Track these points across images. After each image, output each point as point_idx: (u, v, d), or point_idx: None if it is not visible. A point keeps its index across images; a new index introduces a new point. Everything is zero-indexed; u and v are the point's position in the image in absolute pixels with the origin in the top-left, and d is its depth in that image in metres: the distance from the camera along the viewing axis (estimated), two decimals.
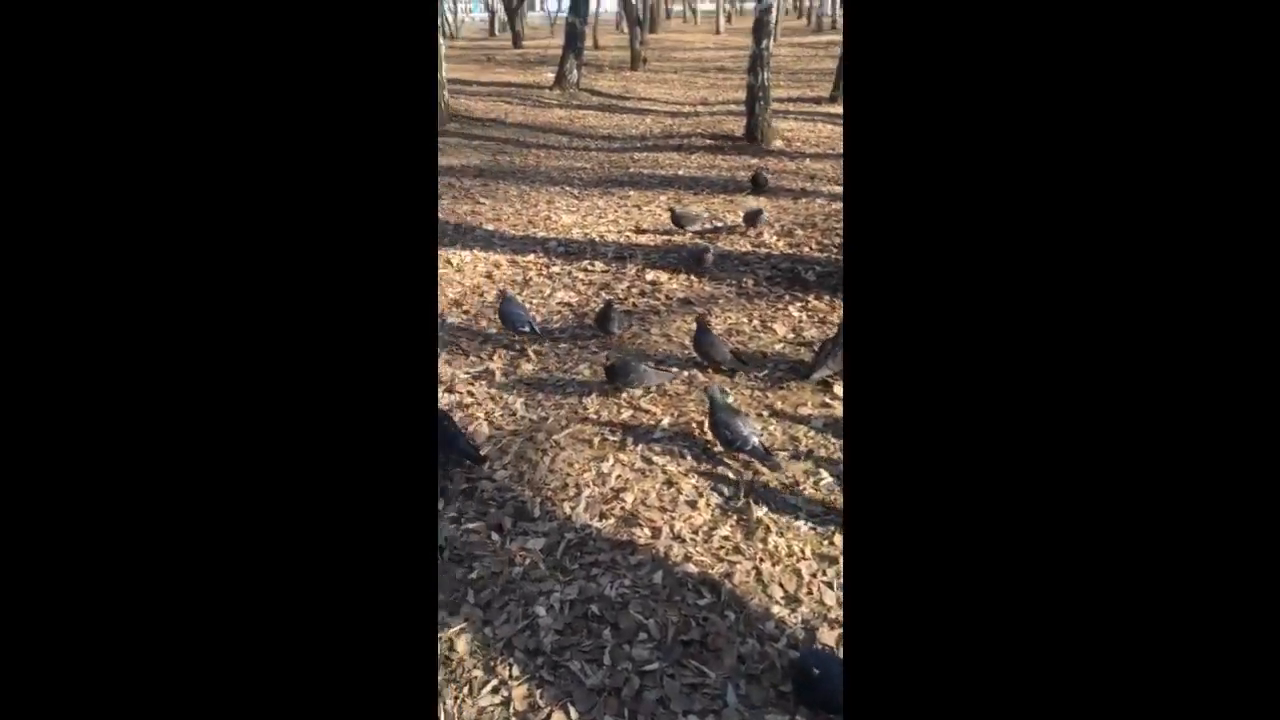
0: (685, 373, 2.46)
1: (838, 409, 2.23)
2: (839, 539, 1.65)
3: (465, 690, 1.34)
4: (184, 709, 0.47)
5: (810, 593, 1.52)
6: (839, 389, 2.30)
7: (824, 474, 1.89)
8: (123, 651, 0.46)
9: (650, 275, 3.39)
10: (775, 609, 1.48)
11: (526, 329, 2.76)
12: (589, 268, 3.50)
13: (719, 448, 2.00)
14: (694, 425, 2.15)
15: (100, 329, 0.45)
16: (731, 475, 1.92)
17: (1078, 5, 0.51)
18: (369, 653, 0.52)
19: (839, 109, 7.24)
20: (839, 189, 4.70)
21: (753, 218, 3.90)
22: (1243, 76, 0.49)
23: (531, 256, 3.69)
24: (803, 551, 1.63)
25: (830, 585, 1.54)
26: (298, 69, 0.49)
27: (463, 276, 3.44)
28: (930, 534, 0.54)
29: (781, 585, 1.54)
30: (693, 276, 3.34)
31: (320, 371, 0.51)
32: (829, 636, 1.41)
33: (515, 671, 1.36)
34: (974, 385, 0.53)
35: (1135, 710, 0.48)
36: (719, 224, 4.08)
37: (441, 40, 7.39)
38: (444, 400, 2.34)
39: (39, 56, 0.44)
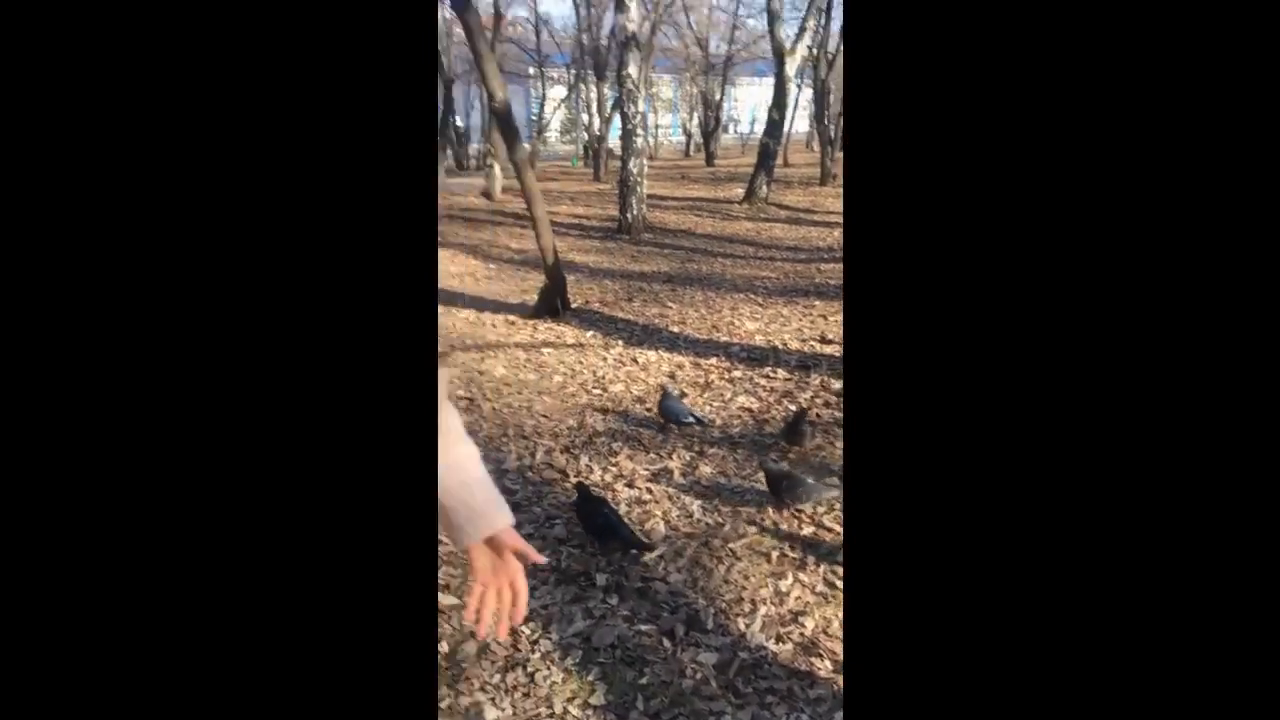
0: None
1: None
2: None
3: None
4: None
5: None
6: None
7: None
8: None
9: (836, 385, 3.29)
10: None
11: (690, 420, 2.80)
12: (771, 374, 3.48)
13: None
14: None
15: (75, 363, 0.45)
16: None
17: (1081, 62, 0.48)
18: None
19: None
20: None
21: None
22: (1246, 86, 0.46)
23: (714, 360, 3.75)
24: None
25: None
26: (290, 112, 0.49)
27: (647, 375, 3.58)
28: (933, 557, 0.50)
29: None
30: None
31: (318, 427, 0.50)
32: None
33: None
34: (974, 402, 0.50)
35: None
36: None
37: (644, 161, 8.10)
38: (623, 494, 2.39)
39: (37, 57, 0.44)
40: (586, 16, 14.68)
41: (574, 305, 4.92)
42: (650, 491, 2.41)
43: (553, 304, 4.70)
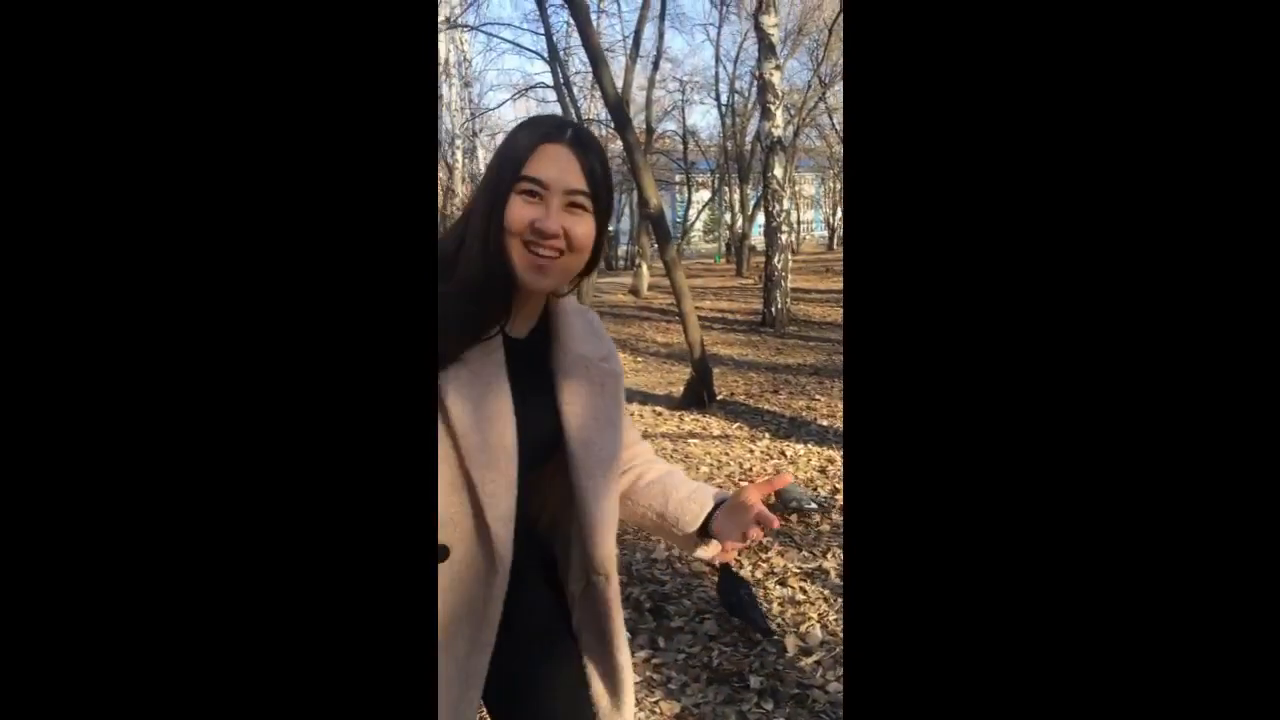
0: None
1: None
2: None
3: None
4: None
5: None
6: None
7: None
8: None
9: None
10: None
11: (814, 506, 2.71)
12: None
13: None
14: None
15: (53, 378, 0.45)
16: None
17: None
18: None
19: None
20: None
21: None
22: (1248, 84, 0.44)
23: None
24: None
25: None
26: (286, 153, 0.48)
27: (796, 468, 3.48)
28: (934, 558, 0.49)
29: None
30: None
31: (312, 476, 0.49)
32: None
33: None
34: (977, 405, 0.49)
35: None
36: None
37: (788, 256, 8.20)
38: (775, 593, 2.30)
39: (33, 56, 0.44)
40: (731, 125, 15.52)
41: (720, 397, 4.95)
42: (804, 591, 2.29)
43: (699, 396, 4.77)
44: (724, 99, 15.76)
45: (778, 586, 2.33)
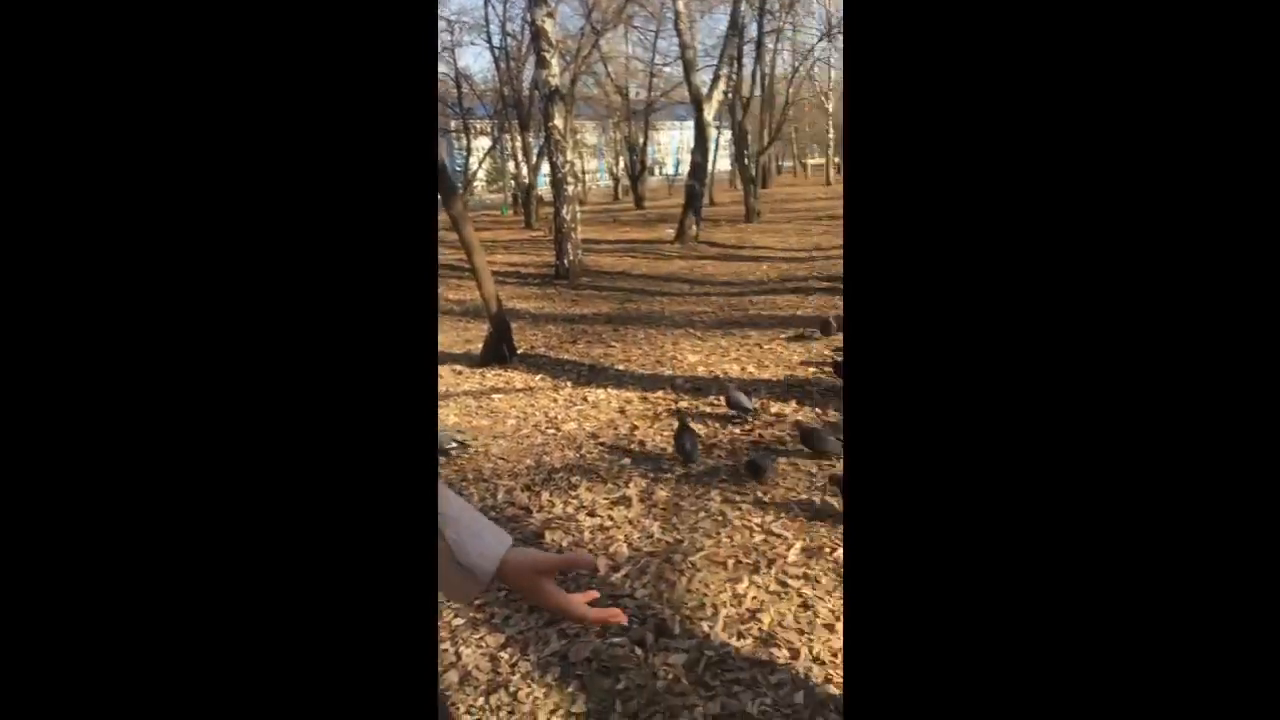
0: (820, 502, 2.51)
1: None
2: None
3: None
4: None
5: None
6: None
7: None
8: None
9: (775, 407, 3.53)
10: None
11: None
12: (715, 402, 3.70)
13: None
14: (826, 548, 2.18)
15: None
16: None
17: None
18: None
19: None
20: None
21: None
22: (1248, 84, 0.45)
23: (660, 393, 3.95)
24: None
25: None
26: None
27: (598, 412, 3.74)
28: (933, 558, 0.50)
29: None
30: (812, 409, 3.44)
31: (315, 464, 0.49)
32: None
33: None
34: (976, 404, 0.50)
35: None
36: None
37: (577, 207, 8.37)
38: (586, 523, 2.53)
39: (33, 56, 0.45)
40: (506, 69, 15.06)
41: (520, 351, 5.05)
42: (612, 518, 2.55)
43: (499, 351, 4.82)
44: (495, 41, 15.23)
45: (588, 518, 2.56)
